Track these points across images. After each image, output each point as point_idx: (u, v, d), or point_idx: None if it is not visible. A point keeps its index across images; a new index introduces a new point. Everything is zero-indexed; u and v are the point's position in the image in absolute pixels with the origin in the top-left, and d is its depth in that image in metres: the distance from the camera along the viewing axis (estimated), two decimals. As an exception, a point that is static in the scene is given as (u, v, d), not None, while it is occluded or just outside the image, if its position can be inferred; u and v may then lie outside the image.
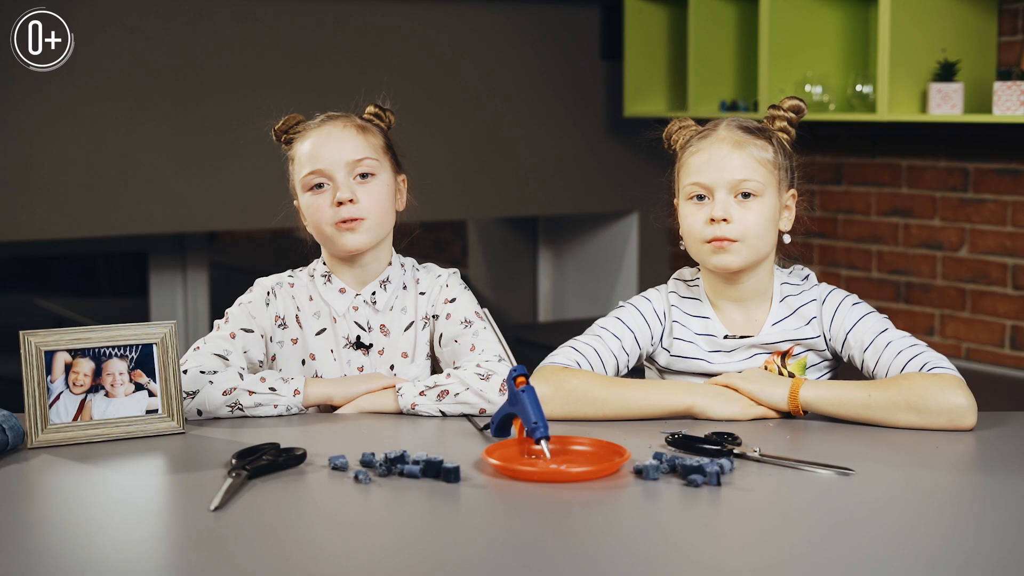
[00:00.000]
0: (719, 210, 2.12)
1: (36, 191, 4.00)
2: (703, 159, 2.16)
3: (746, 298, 2.19)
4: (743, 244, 2.12)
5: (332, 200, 2.19)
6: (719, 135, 2.17)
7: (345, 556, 1.52)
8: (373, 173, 2.21)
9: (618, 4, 4.75)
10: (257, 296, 2.26)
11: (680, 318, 2.23)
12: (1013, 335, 3.90)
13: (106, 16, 4.01)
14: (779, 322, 2.18)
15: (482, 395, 2.09)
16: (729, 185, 2.13)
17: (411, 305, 2.25)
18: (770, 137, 2.18)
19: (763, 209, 2.13)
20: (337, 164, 2.20)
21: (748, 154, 2.14)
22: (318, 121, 2.26)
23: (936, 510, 1.71)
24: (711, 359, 2.20)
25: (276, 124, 2.29)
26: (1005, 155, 3.86)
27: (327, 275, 2.26)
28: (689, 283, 2.27)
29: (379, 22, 4.43)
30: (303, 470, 1.82)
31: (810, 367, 2.20)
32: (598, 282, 5.24)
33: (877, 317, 2.17)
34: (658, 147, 2.30)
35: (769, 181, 2.14)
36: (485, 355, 2.15)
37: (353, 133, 2.23)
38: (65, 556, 1.52)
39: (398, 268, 2.27)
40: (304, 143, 2.24)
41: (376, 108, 2.32)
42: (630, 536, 1.58)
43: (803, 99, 2.22)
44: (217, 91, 4.19)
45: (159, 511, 1.72)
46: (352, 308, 2.24)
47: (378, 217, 2.21)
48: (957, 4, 3.75)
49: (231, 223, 4.68)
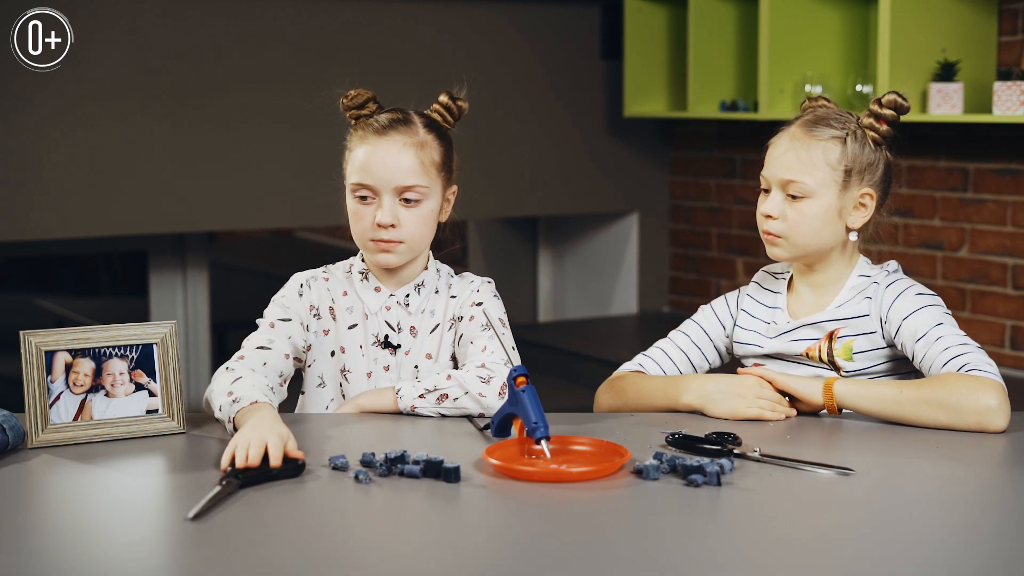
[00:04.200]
0: (767, 206, 2.19)
1: (36, 191, 4.00)
2: (771, 153, 2.21)
3: (821, 284, 2.23)
4: (787, 240, 2.17)
5: (374, 217, 2.17)
6: (790, 131, 2.20)
7: (345, 556, 1.52)
8: (420, 199, 2.20)
9: (618, 4, 4.75)
10: (290, 289, 2.24)
11: (749, 307, 2.29)
12: (1013, 335, 3.90)
13: (106, 16, 4.01)
14: (842, 305, 2.20)
15: (480, 400, 2.09)
16: (779, 183, 2.18)
17: (440, 308, 2.25)
18: (846, 135, 2.17)
19: (811, 210, 2.15)
20: (386, 184, 2.17)
21: (807, 154, 2.15)
22: (381, 125, 2.20)
23: (936, 510, 1.71)
24: (763, 343, 2.24)
25: (346, 97, 2.24)
26: (1005, 155, 3.86)
27: (364, 272, 2.25)
28: (777, 275, 2.31)
29: (379, 22, 4.43)
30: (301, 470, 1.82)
31: (858, 353, 2.17)
32: (598, 282, 5.24)
33: (938, 311, 2.14)
34: (658, 147, 2.30)
35: (825, 182, 2.15)
36: (490, 356, 2.15)
37: (411, 154, 2.18)
38: (65, 556, 1.52)
39: (434, 273, 2.27)
40: (361, 147, 2.19)
41: (448, 99, 2.29)
42: (630, 536, 1.58)
43: (903, 96, 2.19)
44: (217, 91, 4.19)
45: (159, 511, 1.72)
46: (384, 308, 2.23)
47: (416, 241, 2.20)
48: (957, 4, 3.75)
49: (231, 223, 4.69)
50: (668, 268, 5.09)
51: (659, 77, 4.73)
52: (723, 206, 4.81)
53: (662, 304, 5.12)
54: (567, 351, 4.52)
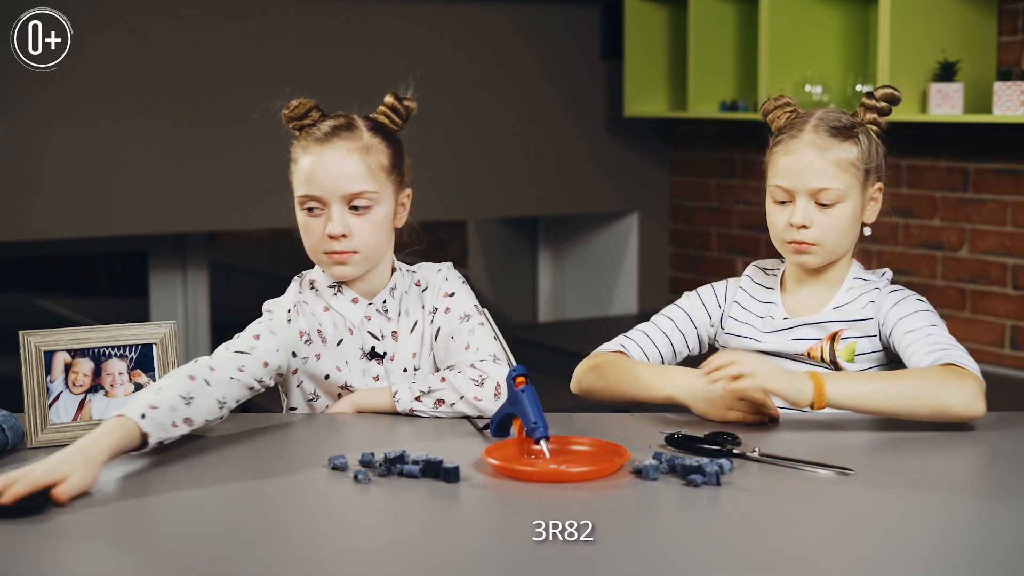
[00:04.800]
0: (799, 216, 2.16)
1: (36, 191, 4.00)
2: (788, 163, 2.17)
3: (821, 283, 2.23)
4: (821, 247, 2.17)
5: (324, 229, 2.11)
6: (805, 138, 2.17)
7: (345, 556, 1.52)
8: (370, 205, 2.13)
9: (618, 4, 4.75)
10: (278, 316, 2.14)
11: (743, 300, 2.28)
12: (1013, 335, 3.90)
13: (106, 16, 4.01)
14: (840, 306, 2.20)
15: (476, 404, 2.08)
16: (810, 192, 2.16)
17: (415, 304, 2.23)
18: (858, 134, 2.18)
19: (843, 213, 2.16)
20: (333, 193, 2.10)
21: (831, 160, 2.15)
22: (323, 133, 2.14)
23: (936, 510, 1.71)
24: (762, 339, 2.23)
25: (288, 108, 2.17)
26: (1005, 155, 3.86)
27: (336, 286, 2.19)
28: (768, 271, 2.30)
29: (379, 22, 4.43)
30: (300, 471, 1.82)
31: (859, 355, 2.18)
32: (598, 282, 5.24)
33: (934, 316, 2.15)
34: (658, 147, 2.30)
35: (851, 184, 2.16)
36: (479, 355, 2.13)
37: (356, 159, 2.11)
38: (66, 555, 1.52)
39: (401, 273, 2.24)
40: (305, 157, 2.13)
41: (394, 99, 2.23)
42: (630, 536, 1.58)
43: (896, 88, 2.21)
44: (216, 91, 4.19)
45: (158, 510, 1.72)
46: (365, 318, 2.19)
47: (371, 249, 2.13)
48: (957, 4, 3.75)
49: (231, 223, 4.68)
50: (668, 268, 5.09)
51: (659, 77, 4.73)
52: (723, 206, 4.81)
53: (662, 304, 5.06)
54: (567, 351, 4.51)
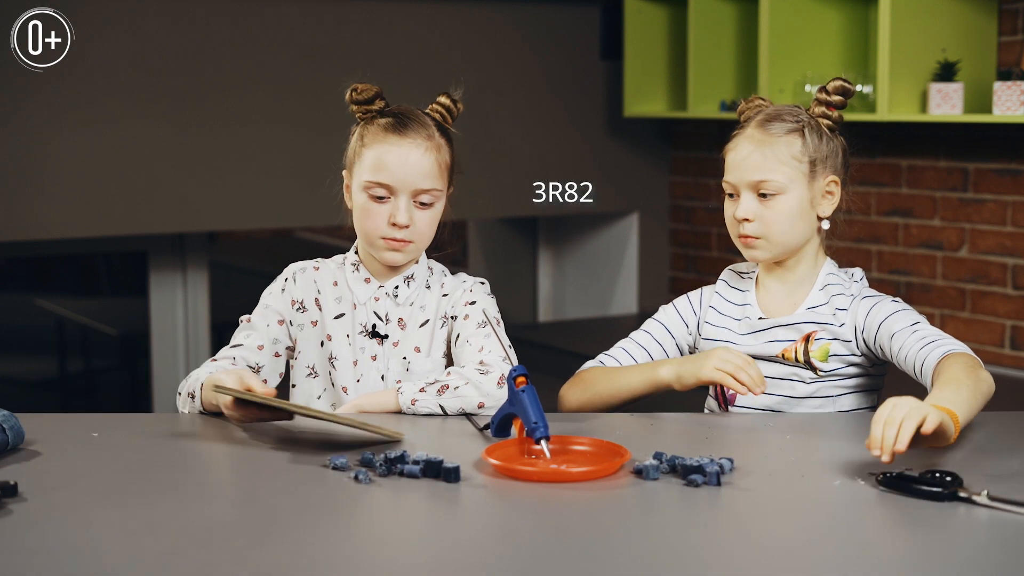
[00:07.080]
0: (741, 210, 2.21)
1: (36, 191, 4.00)
2: (731, 159, 2.22)
3: (791, 280, 2.25)
4: (767, 240, 2.19)
5: (388, 216, 2.18)
6: (746, 133, 2.21)
7: (345, 556, 1.52)
8: (433, 202, 2.21)
9: (618, 4, 4.75)
10: (275, 286, 2.29)
11: (717, 304, 2.30)
12: (1013, 335, 3.90)
13: (106, 16, 4.01)
14: (814, 307, 2.21)
15: (480, 388, 2.09)
16: (749, 185, 2.19)
17: (431, 304, 2.26)
18: (802, 128, 2.19)
19: (785, 206, 2.18)
20: (405, 186, 2.18)
21: (771, 153, 2.17)
22: (401, 125, 2.20)
23: (936, 510, 1.70)
24: (739, 341, 2.24)
25: (356, 91, 2.23)
26: (1005, 155, 3.86)
27: (356, 264, 2.27)
28: (743, 274, 2.32)
29: (379, 22, 4.43)
30: (298, 470, 1.82)
31: (833, 356, 2.19)
32: (598, 282, 5.24)
33: (913, 314, 2.16)
34: (658, 147, 2.30)
35: (794, 176, 2.18)
36: (487, 354, 2.15)
37: (431, 158, 2.20)
38: (65, 556, 1.52)
39: (424, 268, 2.28)
40: (379, 145, 2.19)
41: (448, 100, 2.29)
42: (630, 536, 1.58)
43: (849, 80, 2.22)
44: (217, 91, 4.19)
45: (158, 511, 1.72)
46: (373, 298, 2.25)
47: (424, 242, 2.23)
48: (957, 4, 3.75)
49: (231, 223, 4.68)
50: (668, 268, 5.09)
51: (659, 77, 4.73)
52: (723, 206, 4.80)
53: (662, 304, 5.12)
54: (567, 351, 4.51)
